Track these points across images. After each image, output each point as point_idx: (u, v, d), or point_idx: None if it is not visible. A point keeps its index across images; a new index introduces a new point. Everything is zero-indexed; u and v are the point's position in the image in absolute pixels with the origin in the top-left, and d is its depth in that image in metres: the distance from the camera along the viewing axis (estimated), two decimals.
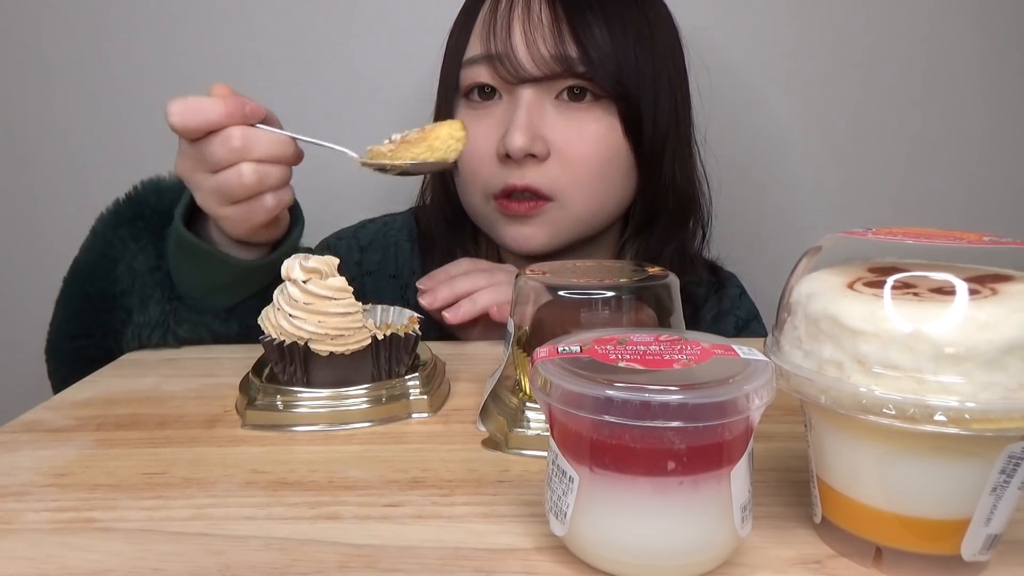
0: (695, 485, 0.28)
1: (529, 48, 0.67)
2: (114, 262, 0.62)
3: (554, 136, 0.69)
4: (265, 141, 0.55)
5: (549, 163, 0.69)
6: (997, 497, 0.28)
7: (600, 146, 0.70)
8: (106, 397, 0.52)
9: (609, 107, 0.69)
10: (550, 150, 0.69)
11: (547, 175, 0.69)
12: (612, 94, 0.69)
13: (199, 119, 0.53)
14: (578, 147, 0.69)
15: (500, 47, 0.68)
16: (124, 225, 0.64)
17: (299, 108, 0.97)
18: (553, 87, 0.69)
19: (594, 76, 0.67)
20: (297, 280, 0.47)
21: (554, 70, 0.67)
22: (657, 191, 0.74)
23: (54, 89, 0.98)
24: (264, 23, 0.96)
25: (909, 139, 0.98)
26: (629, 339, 0.33)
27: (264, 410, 0.47)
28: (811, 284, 0.32)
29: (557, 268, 0.49)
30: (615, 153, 0.71)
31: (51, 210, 1.00)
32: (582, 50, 0.67)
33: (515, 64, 0.67)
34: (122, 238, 0.63)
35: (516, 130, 0.67)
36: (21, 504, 0.37)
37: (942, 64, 0.96)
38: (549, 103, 0.69)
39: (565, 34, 0.67)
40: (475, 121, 0.71)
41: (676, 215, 0.76)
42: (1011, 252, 0.32)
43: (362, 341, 0.48)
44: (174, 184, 0.65)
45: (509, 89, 0.70)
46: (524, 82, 0.68)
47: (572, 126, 0.69)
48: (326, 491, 0.38)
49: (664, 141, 0.72)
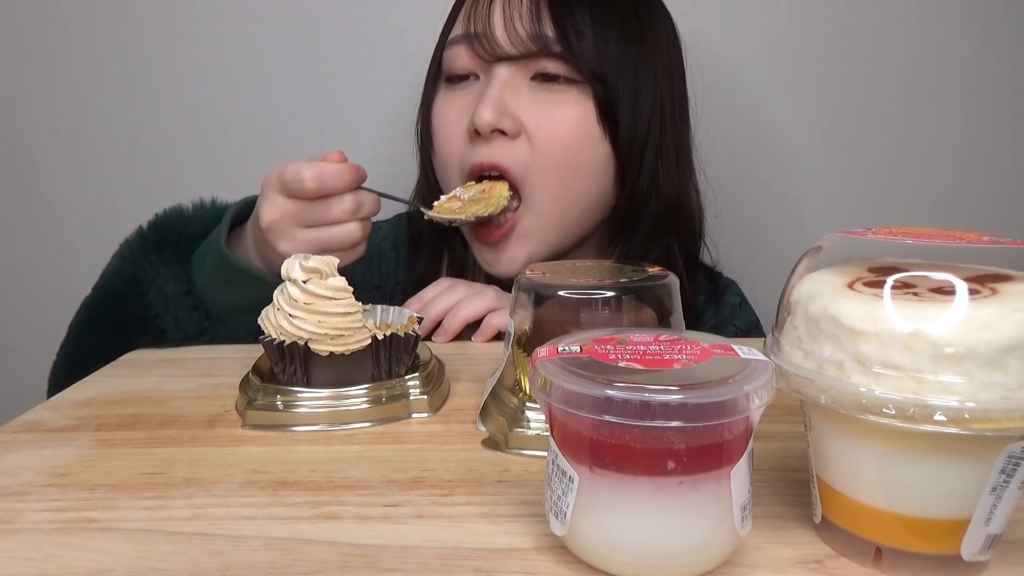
0: (695, 485, 0.28)
1: (507, 26, 0.67)
2: (146, 287, 0.64)
3: (526, 116, 0.68)
4: (371, 203, 0.63)
5: (519, 142, 0.68)
6: (997, 497, 0.28)
7: (572, 130, 0.68)
8: (106, 397, 0.52)
9: (584, 91, 0.68)
10: (521, 130, 0.68)
11: (515, 153, 0.68)
12: (587, 76, 0.67)
13: (334, 185, 0.60)
14: (550, 128, 0.68)
15: (479, 26, 0.68)
16: (153, 251, 0.66)
17: (300, 106, 0.97)
18: (528, 67, 0.68)
19: (570, 56, 0.67)
20: (297, 280, 0.47)
21: (529, 48, 0.67)
22: (637, 191, 0.72)
23: (53, 89, 0.98)
24: (266, 22, 0.96)
25: (909, 139, 0.98)
26: (629, 339, 0.33)
27: (264, 410, 0.47)
28: (811, 284, 0.32)
29: (557, 268, 0.49)
30: (587, 138, 0.69)
31: (52, 211, 1.00)
32: (560, 30, 0.66)
33: (491, 42, 0.67)
34: (152, 264, 0.65)
35: (484, 104, 0.67)
36: (21, 504, 0.37)
37: (942, 64, 0.96)
38: (524, 84, 0.69)
39: (544, 13, 0.67)
40: (450, 101, 0.72)
41: (660, 220, 0.73)
42: (1011, 252, 0.32)
43: (362, 341, 0.48)
44: (195, 212, 0.68)
45: (485, 68, 0.69)
46: (499, 60, 0.68)
47: (545, 107, 0.68)
48: (326, 491, 0.38)
49: (645, 139, 0.70)
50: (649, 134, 0.71)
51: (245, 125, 0.98)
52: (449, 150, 0.72)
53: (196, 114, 0.98)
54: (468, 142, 0.70)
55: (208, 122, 0.98)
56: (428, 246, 0.79)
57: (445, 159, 0.73)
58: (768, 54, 0.96)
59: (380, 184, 0.64)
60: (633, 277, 0.46)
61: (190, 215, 0.68)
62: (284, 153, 0.97)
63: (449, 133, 0.71)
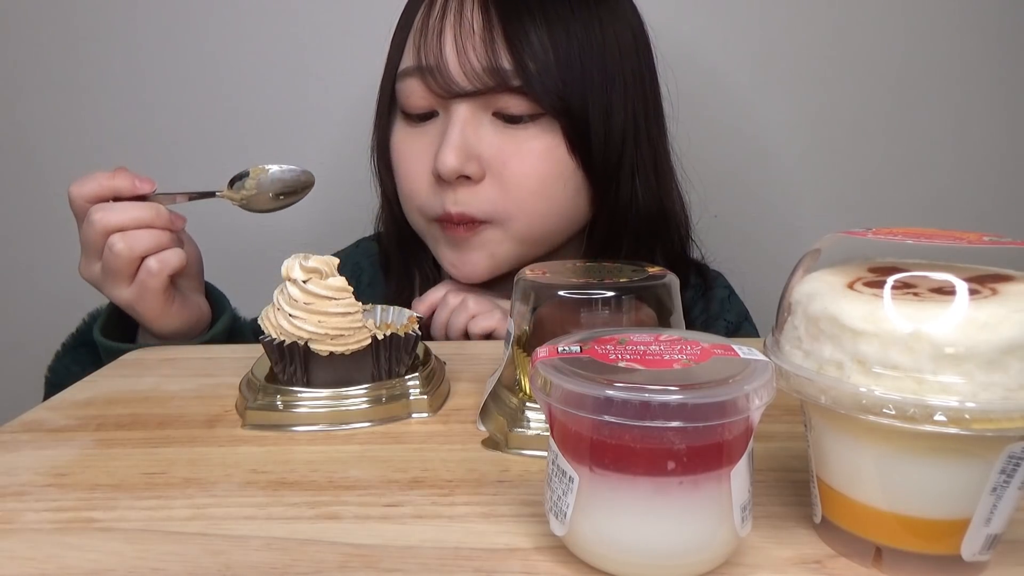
0: (695, 485, 0.28)
1: (460, 59, 0.62)
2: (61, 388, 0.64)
3: (490, 155, 0.64)
4: (120, 209, 0.59)
5: (484, 185, 0.65)
6: (997, 497, 0.28)
7: (541, 165, 0.65)
8: (106, 397, 0.52)
9: (551, 123, 0.64)
10: (485, 171, 0.65)
11: (483, 198, 0.65)
12: (552, 110, 0.63)
13: (74, 207, 0.60)
14: (516, 167, 0.65)
15: (431, 59, 0.63)
16: (69, 354, 0.68)
17: (301, 106, 0.97)
18: (489, 103, 0.64)
19: (530, 90, 0.62)
20: (297, 280, 0.46)
21: (487, 83, 0.62)
22: (617, 208, 0.69)
23: (53, 89, 0.98)
24: (265, 22, 0.96)
25: (910, 139, 0.98)
26: (629, 339, 0.33)
27: (264, 410, 0.47)
28: (811, 284, 0.32)
29: (557, 268, 0.49)
30: (559, 171, 0.66)
31: (52, 211, 1.00)
32: (517, 61, 0.62)
33: (446, 77, 0.63)
34: (67, 366, 0.67)
35: (447, 149, 0.63)
36: (21, 504, 0.37)
37: (942, 63, 0.96)
38: (486, 119, 0.65)
39: (498, 43, 0.62)
40: (410, 140, 0.68)
41: (642, 233, 0.71)
42: (1011, 252, 0.32)
43: (362, 341, 0.48)
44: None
45: (444, 105, 0.65)
46: (456, 96, 0.64)
47: (509, 144, 0.65)
48: (326, 491, 0.38)
49: (620, 155, 0.67)
50: (624, 151, 0.68)
51: (247, 125, 0.98)
52: (412, 190, 0.69)
53: (195, 114, 0.98)
54: (432, 185, 0.67)
55: (207, 122, 0.98)
56: (396, 270, 0.77)
57: (408, 198, 0.70)
58: (766, 53, 0.96)
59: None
60: (633, 277, 0.46)
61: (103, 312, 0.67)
62: (285, 153, 0.97)
63: (411, 174, 0.68)
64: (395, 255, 0.77)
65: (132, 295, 0.61)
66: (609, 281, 0.44)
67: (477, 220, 0.66)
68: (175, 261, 0.61)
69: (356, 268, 0.80)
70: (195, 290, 0.67)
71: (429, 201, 0.68)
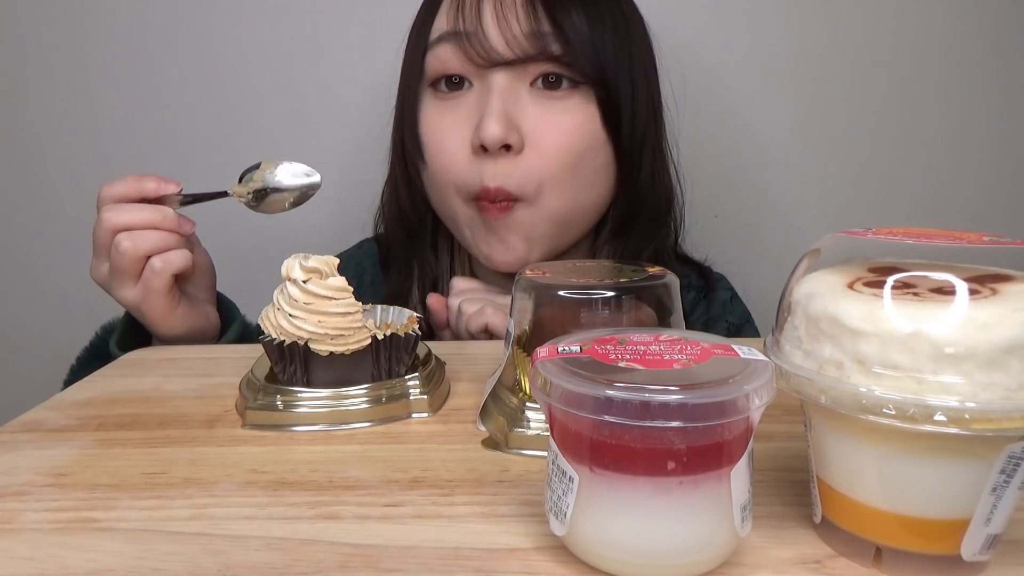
0: (695, 485, 0.28)
1: (500, 26, 0.62)
2: None
3: (531, 127, 0.65)
4: (129, 210, 0.60)
5: (524, 156, 0.65)
6: (997, 497, 0.28)
7: (577, 136, 0.65)
8: (106, 397, 0.52)
9: (587, 95, 0.65)
10: (525, 142, 0.65)
11: (522, 169, 0.65)
12: (591, 79, 0.64)
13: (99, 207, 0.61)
14: (554, 138, 0.65)
15: (469, 25, 0.63)
16: (85, 368, 0.66)
17: (301, 106, 0.97)
18: (527, 73, 0.64)
19: (572, 59, 0.63)
20: (297, 280, 0.46)
21: (527, 51, 0.62)
22: (636, 190, 0.71)
23: (54, 89, 0.98)
24: (265, 21, 0.96)
25: (910, 139, 0.98)
26: (629, 339, 0.33)
27: (264, 410, 0.47)
28: (811, 284, 0.32)
29: (557, 268, 0.49)
30: (592, 144, 0.66)
31: (52, 211, 1.00)
32: (558, 30, 0.62)
33: (485, 45, 0.62)
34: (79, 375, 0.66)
35: (491, 118, 0.62)
36: (21, 504, 0.37)
37: (942, 63, 0.96)
38: (524, 90, 0.65)
39: (540, 12, 0.62)
40: (443, 113, 0.67)
41: (655, 216, 0.73)
42: (1011, 252, 0.32)
43: (362, 341, 0.48)
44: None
45: (480, 75, 0.65)
46: (496, 65, 0.63)
47: (548, 115, 0.65)
48: (326, 491, 0.38)
49: (643, 137, 0.69)
50: (647, 132, 0.70)
51: (252, 125, 0.98)
52: (446, 166, 0.67)
53: (196, 114, 0.98)
54: (469, 158, 0.66)
55: (209, 122, 0.98)
56: (396, 261, 0.77)
57: (441, 174, 0.68)
58: (765, 53, 0.96)
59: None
60: (633, 277, 0.46)
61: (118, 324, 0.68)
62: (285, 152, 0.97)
63: (445, 148, 0.67)
64: (396, 245, 0.77)
65: (137, 295, 0.62)
66: (609, 281, 0.44)
67: (513, 196, 0.66)
68: (179, 261, 0.62)
69: (359, 268, 0.80)
70: (205, 299, 0.68)
71: (466, 175, 0.66)
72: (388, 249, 0.78)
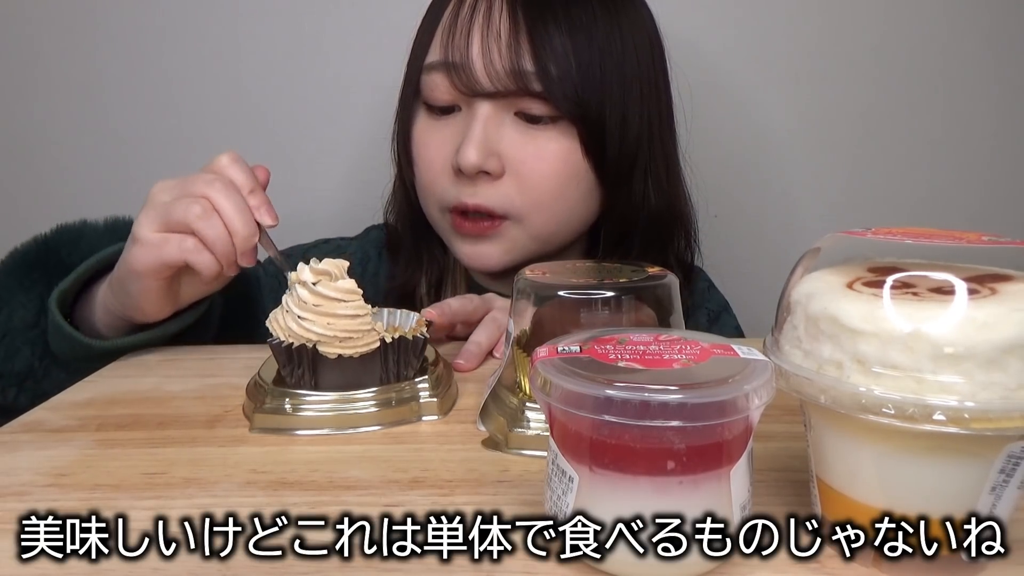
0: (695, 485, 0.28)
1: (484, 60, 0.64)
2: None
3: (510, 153, 0.67)
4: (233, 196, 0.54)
5: (504, 181, 0.67)
6: (997, 497, 0.28)
7: (558, 166, 0.67)
8: (107, 397, 0.52)
9: (568, 127, 0.67)
10: (505, 168, 0.67)
11: (501, 193, 0.67)
12: (570, 115, 0.65)
13: None
14: (535, 166, 0.67)
15: (458, 56, 0.65)
16: (19, 270, 0.61)
17: (300, 106, 0.97)
18: (510, 103, 0.66)
19: (551, 95, 0.64)
20: (306, 282, 0.46)
21: (508, 86, 0.64)
22: (627, 209, 0.72)
23: (54, 89, 0.98)
24: (257, 23, 0.96)
25: (910, 139, 0.98)
26: (629, 339, 0.33)
27: (273, 413, 0.46)
28: (811, 284, 0.32)
29: (557, 268, 0.49)
30: (574, 173, 0.68)
31: (51, 211, 1.00)
32: (539, 66, 0.63)
33: (471, 76, 0.65)
34: (10, 287, 0.61)
35: (469, 145, 0.65)
36: (21, 504, 0.37)
37: (943, 63, 0.96)
38: (508, 119, 0.67)
39: (523, 47, 0.63)
40: (432, 131, 0.70)
41: (649, 233, 0.73)
42: (1011, 252, 0.32)
43: (371, 344, 0.47)
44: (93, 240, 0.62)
45: (467, 101, 0.67)
46: (479, 96, 0.66)
47: (529, 144, 0.67)
48: (326, 491, 0.38)
49: (633, 159, 0.69)
50: (637, 156, 0.70)
51: (247, 124, 0.98)
52: (430, 183, 0.70)
53: (201, 115, 0.98)
54: (451, 177, 0.68)
55: (214, 123, 0.98)
56: (406, 252, 0.78)
57: (426, 188, 0.72)
58: (765, 54, 0.96)
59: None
60: (633, 277, 0.46)
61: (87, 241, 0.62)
62: (285, 151, 0.97)
63: (431, 164, 0.70)
64: (407, 237, 0.78)
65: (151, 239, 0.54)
66: (609, 281, 0.44)
67: (496, 214, 0.68)
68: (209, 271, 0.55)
69: (364, 257, 0.81)
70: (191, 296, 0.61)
71: (446, 192, 0.69)
72: (399, 236, 0.79)
